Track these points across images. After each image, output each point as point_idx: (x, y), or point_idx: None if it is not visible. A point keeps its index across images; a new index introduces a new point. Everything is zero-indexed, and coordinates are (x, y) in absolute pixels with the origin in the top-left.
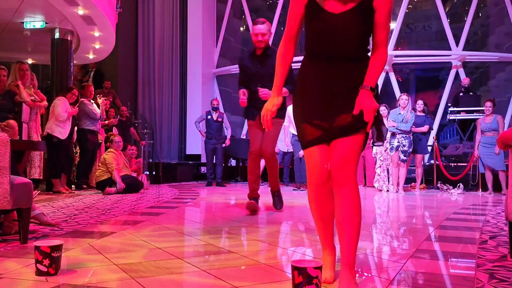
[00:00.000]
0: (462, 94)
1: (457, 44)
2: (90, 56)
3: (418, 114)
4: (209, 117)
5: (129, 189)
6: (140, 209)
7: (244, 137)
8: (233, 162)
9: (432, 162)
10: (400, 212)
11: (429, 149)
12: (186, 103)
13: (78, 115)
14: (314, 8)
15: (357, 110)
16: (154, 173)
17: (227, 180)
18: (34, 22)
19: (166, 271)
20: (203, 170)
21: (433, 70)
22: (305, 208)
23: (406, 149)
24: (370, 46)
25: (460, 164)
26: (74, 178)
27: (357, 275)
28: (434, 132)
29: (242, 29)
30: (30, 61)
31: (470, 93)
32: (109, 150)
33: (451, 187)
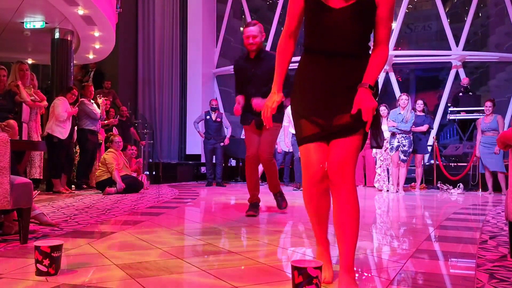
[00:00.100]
0: (461, 94)
1: (457, 44)
2: (90, 56)
3: (418, 114)
4: (208, 117)
5: (129, 189)
6: (140, 209)
7: (244, 137)
8: (233, 162)
9: (432, 162)
10: (400, 212)
11: (429, 149)
12: (186, 103)
13: (78, 115)
14: (314, 2)
15: (355, 109)
16: (154, 173)
17: (227, 180)
18: (34, 22)
19: (166, 271)
20: (203, 170)
21: (433, 70)
22: (305, 208)
23: (406, 149)
24: (371, 43)
25: (460, 164)
26: (74, 178)
27: (356, 275)
28: (434, 132)
29: (242, 29)
30: (30, 61)
31: (470, 93)
32: (109, 150)
33: (451, 187)
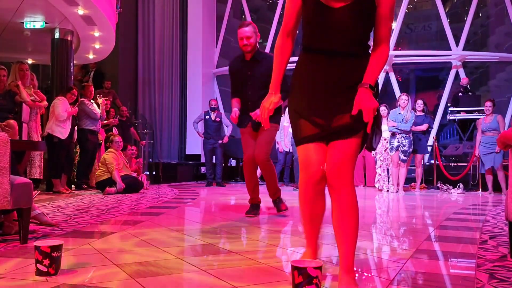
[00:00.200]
0: (461, 94)
1: (457, 44)
2: (90, 56)
3: (418, 114)
4: (207, 117)
5: (129, 189)
6: (140, 209)
7: None
8: (233, 162)
9: (432, 162)
10: (400, 212)
11: (429, 149)
12: (186, 103)
13: (78, 115)
14: (313, 2)
15: (355, 110)
16: (154, 173)
17: (227, 180)
18: (34, 22)
19: (166, 271)
20: (203, 170)
21: (433, 70)
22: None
23: (406, 149)
24: (371, 42)
25: (460, 164)
26: (74, 178)
27: (356, 275)
28: (434, 132)
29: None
30: (30, 61)
31: (469, 93)
32: (109, 150)
33: (451, 187)
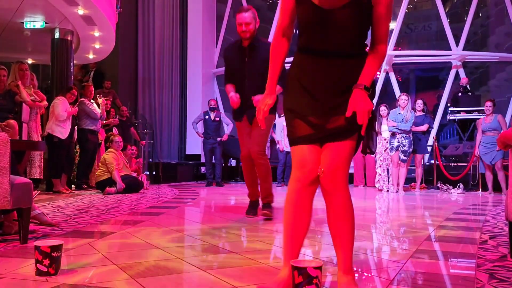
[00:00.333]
0: (461, 94)
1: (457, 44)
2: (90, 56)
3: (418, 114)
4: (206, 117)
5: (129, 189)
6: (140, 209)
7: None
8: (233, 162)
9: (432, 162)
10: (400, 212)
11: (429, 149)
12: (186, 103)
13: (78, 115)
14: (305, 2)
15: (350, 112)
16: (154, 173)
17: (227, 180)
18: (34, 22)
19: (166, 271)
20: (203, 170)
21: (433, 70)
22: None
23: (406, 149)
24: (367, 41)
25: (460, 164)
26: (74, 178)
27: (356, 275)
28: (434, 132)
29: None
30: (30, 61)
31: (469, 93)
32: (109, 150)
33: (451, 187)
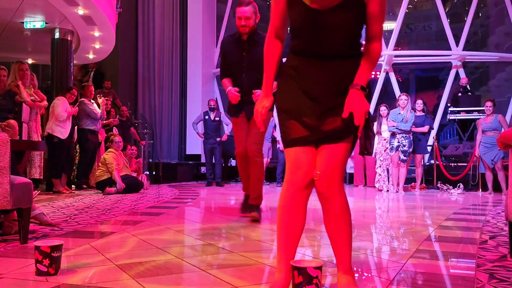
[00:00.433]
0: (461, 94)
1: (457, 44)
2: (90, 56)
3: (418, 114)
4: (206, 117)
5: (129, 189)
6: (140, 209)
7: None
8: (233, 162)
9: (432, 162)
10: (400, 212)
11: (429, 149)
12: (186, 103)
13: (78, 115)
14: (296, 3)
15: (346, 113)
16: (154, 173)
17: (227, 180)
18: (34, 22)
19: (166, 271)
20: (203, 170)
21: (433, 70)
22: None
23: (406, 149)
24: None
25: (460, 164)
26: (74, 178)
27: (356, 275)
28: (434, 132)
29: None
30: (30, 61)
31: (469, 93)
32: (109, 150)
33: (451, 187)
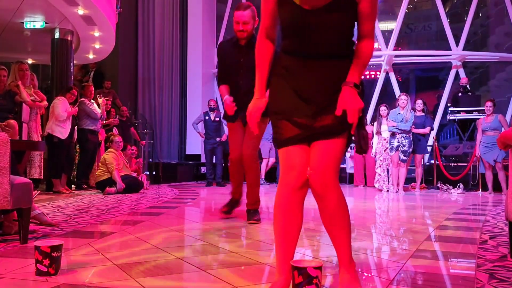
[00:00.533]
0: (461, 94)
1: (457, 44)
2: (90, 56)
3: (418, 114)
4: (206, 117)
5: (129, 189)
6: (140, 209)
7: None
8: None
9: (432, 162)
10: (400, 212)
11: (429, 149)
12: (186, 103)
13: (78, 115)
14: (286, 2)
15: (339, 111)
16: (154, 173)
17: (227, 180)
18: (34, 22)
19: (166, 271)
20: (203, 170)
21: (433, 70)
22: (304, 208)
23: (406, 149)
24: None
25: (460, 164)
26: (74, 178)
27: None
28: (434, 132)
29: None
30: (30, 61)
31: (469, 93)
32: (109, 150)
33: (451, 187)
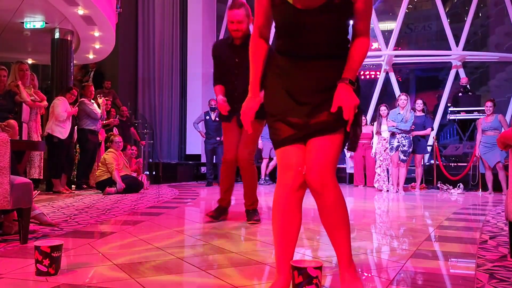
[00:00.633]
0: (461, 94)
1: (457, 44)
2: (90, 56)
3: (418, 114)
4: (207, 117)
5: (129, 189)
6: (140, 209)
7: None
8: None
9: (432, 162)
10: (400, 212)
11: (429, 149)
12: (186, 103)
13: (78, 115)
14: (280, 2)
15: (335, 107)
16: (154, 173)
17: None
18: (34, 22)
19: (166, 271)
20: (203, 170)
21: (433, 70)
22: (304, 209)
23: (406, 149)
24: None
25: (460, 164)
26: (74, 178)
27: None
28: (434, 132)
29: None
30: (30, 61)
31: (469, 93)
32: (109, 150)
33: (451, 187)
